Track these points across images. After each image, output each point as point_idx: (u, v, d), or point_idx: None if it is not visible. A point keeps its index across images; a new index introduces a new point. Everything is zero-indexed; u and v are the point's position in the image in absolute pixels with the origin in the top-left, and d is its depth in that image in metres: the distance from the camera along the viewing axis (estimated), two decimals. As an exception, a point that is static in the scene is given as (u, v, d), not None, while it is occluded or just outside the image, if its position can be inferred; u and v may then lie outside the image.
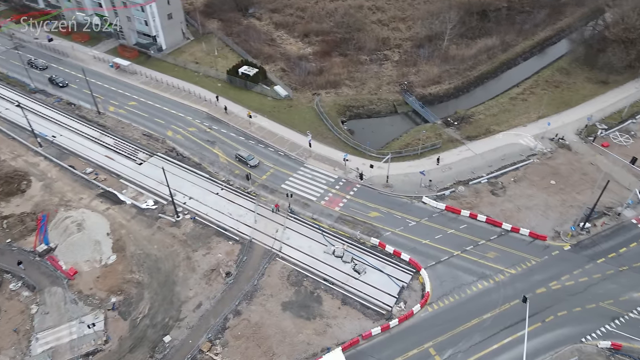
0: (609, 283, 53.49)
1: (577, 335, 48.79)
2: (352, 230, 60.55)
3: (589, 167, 68.55)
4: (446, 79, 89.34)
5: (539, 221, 60.72)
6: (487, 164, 69.62)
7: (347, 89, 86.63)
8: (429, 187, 65.92)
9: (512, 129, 76.05)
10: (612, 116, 77.84)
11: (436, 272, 55.05)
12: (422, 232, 59.96)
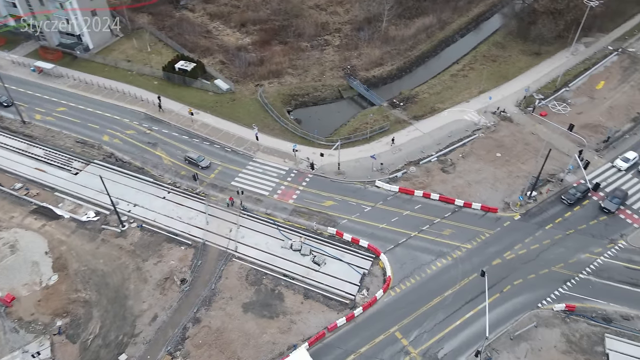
0: (558, 247, 55.51)
1: (533, 301, 50.33)
2: (308, 221, 59.36)
3: (530, 137, 70.72)
4: (388, 60, 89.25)
5: (489, 194, 62.02)
6: (435, 142, 70.26)
7: (290, 78, 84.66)
8: (381, 171, 65.70)
9: (456, 106, 77.13)
10: (547, 86, 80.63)
11: (395, 256, 55.01)
12: (378, 216, 59.68)
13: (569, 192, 60.59)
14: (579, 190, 60.30)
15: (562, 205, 60.45)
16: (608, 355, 45.42)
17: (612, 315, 48.94)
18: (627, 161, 64.61)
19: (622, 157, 65.45)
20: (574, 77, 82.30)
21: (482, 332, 45.09)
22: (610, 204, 58.79)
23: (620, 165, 64.67)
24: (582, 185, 61.26)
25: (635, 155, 65.05)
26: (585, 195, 60.60)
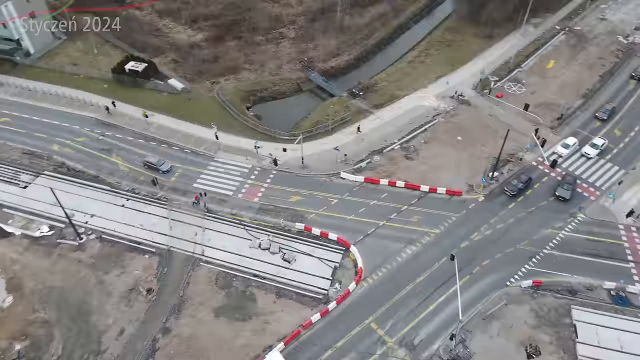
0: (522, 225, 56.76)
1: (502, 280, 51.28)
2: (275, 219, 58.26)
3: (488, 119, 71.96)
4: (345, 50, 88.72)
5: (452, 178, 62.67)
6: (397, 130, 70.37)
7: (247, 73, 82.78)
8: (345, 162, 65.23)
9: (415, 92, 77.51)
10: (501, 68, 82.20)
11: (365, 246, 54.78)
12: (345, 208, 59.26)
13: (512, 183, 60.32)
14: (520, 181, 60.04)
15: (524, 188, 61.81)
16: (575, 326, 46.80)
17: (577, 287, 50.50)
18: (567, 147, 65.46)
19: (562, 144, 66.03)
20: (525, 57, 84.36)
21: (455, 315, 45.54)
22: (564, 191, 59.19)
23: (561, 152, 65.17)
24: (523, 176, 61.03)
25: (575, 141, 66.02)
26: (527, 185, 60.42)
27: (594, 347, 45.23)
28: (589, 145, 65.92)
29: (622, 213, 57.44)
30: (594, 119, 71.52)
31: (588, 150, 65.40)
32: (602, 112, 71.75)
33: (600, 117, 71.20)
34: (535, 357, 44.95)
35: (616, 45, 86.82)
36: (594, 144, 65.79)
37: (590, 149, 65.39)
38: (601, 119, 71.06)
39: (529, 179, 60.63)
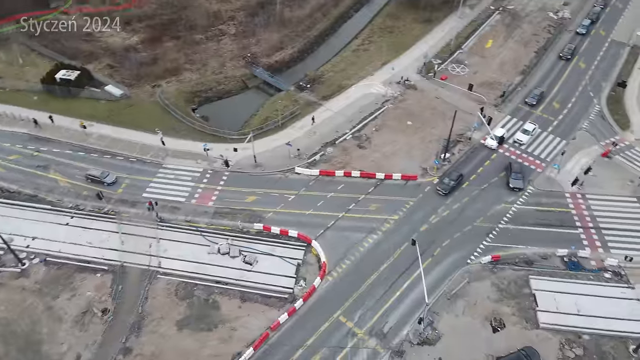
0: (476, 203, 58.04)
1: (463, 258, 52.23)
2: (232, 221, 56.57)
3: (435, 102, 73.03)
4: (288, 43, 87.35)
5: (406, 163, 63.15)
6: (348, 120, 70.07)
7: (189, 74, 79.76)
8: (299, 157, 64.27)
9: (362, 81, 77.48)
10: (443, 50, 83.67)
11: (327, 240, 54.21)
12: (303, 203, 58.39)
13: (443, 182, 58.87)
14: (452, 179, 58.72)
15: (475, 162, 63.21)
16: (535, 295, 48.38)
17: (532, 257, 52.24)
18: (527, 133, 65.78)
19: (522, 130, 66.50)
20: (465, 39, 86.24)
21: (421, 298, 45.84)
22: (517, 182, 58.79)
23: (520, 139, 65.36)
24: (454, 173, 60.00)
25: (534, 127, 66.64)
26: (459, 181, 59.19)
27: (554, 313, 46.95)
28: (520, 131, 66.18)
29: (567, 182, 59.91)
30: (523, 104, 71.82)
31: (520, 137, 65.39)
32: (530, 97, 71.77)
33: (529, 102, 71.18)
34: (500, 330, 46.09)
35: (547, 21, 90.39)
36: (525, 129, 65.95)
37: (522, 135, 65.53)
38: (530, 104, 71.01)
39: (459, 175, 59.56)
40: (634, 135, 66.43)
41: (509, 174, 60.07)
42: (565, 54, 78.87)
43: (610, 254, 52.03)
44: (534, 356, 43.01)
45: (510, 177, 59.42)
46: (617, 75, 76.84)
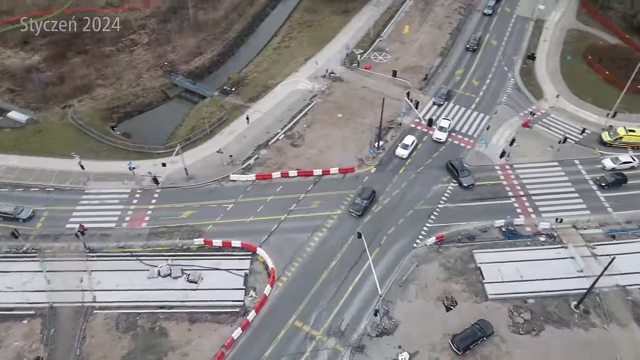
0: (415, 187, 58.85)
1: (409, 244, 52.71)
2: (170, 240, 53.43)
3: (363, 91, 73.32)
4: (206, 47, 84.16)
5: (342, 156, 62.80)
6: (278, 120, 68.60)
7: (103, 90, 74.47)
8: (232, 163, 61.99)
9: (287, 78, 76.21)
10: (364, 40, 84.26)
11: (272, 245, 52.65)
12: (243, 211, 56.34)
13: (355, 202, 55.01)
14: (364, 198, 55.07)
15: (408, 149, 64.11)
16: (480, 268, 49.80)
17: (473, 232, 53.76)
18: (406, 147, 62.21)
19: (401, 145, 62.43)
20: (383, 27, 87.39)
21: (374, 290, 45.65)
22: (468, 179, 57.72)
23: (439, 136, 63.80)
24: (366, 191, 56.09)
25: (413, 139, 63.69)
26: (371, 199, 55.69)
27: (499, 283, 48.56)
28: (437, 130, 64.44)
29: (495, 155, 62.33)
30: (432, 104, 70.70)
31: (438, 135, 63.92)
32: (438, 97, 70.51)
33: (437, 102, 70.08)
34: (453, 307, 46.97)
35: (457, 3, 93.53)
36: (442, 127, 64.59)
37: (440, 133, 64.10)
38: (438, 104, 70.14)
39: (372, 192, 56.04)
40: (548, 103, 70.42)
41: (456, 174, 58.45)
42: (472, 45, 79.88)
43: (542, 218, 54.72)
44: (487, 328, 44.18)
45: (460, 177, 58.00)
46: (526, 49, 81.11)
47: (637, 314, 45.81)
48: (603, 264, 45.64)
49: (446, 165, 60.25)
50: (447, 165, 60.14)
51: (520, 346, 44.13)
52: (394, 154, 62.34)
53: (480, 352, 43.77)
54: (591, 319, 45.82)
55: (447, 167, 60.10)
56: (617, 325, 45.24)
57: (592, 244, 51.75)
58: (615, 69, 73.10)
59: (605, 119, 66.11)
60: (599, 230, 53.37)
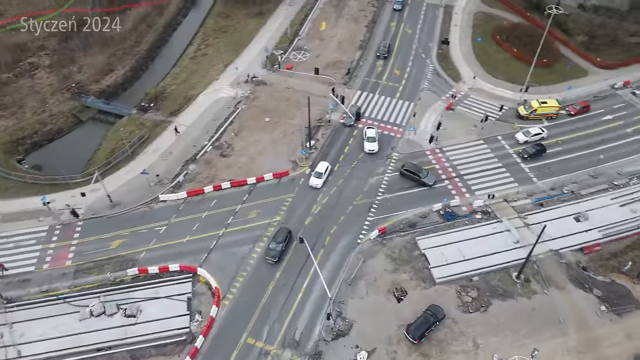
0: (352, 181, 58.49)
1: (353, 240, 52.17)
2: (100, 275, 49.28)
3: (287, 92, 72.04)
4: (117, 64, 79.10)
5: (275, 160, 61.18)
6: (204, 131, 65.71)
7: (3, 121, 67.54)
8: (160, 183, 58.44)
9: (209, 87, 73.34)
10: (282, 40, 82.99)
11: (213, 263, 50.10)
12: (177, 232, 53.18)
13: (270, 247, 49.51)
14: (279, 242, 49.64)
15: (339, 144, 63.61)
16: (425, 254, 50.26)
17: (414, 219, 54.25)
18: (319, 176, 57.51)
19: (315, 174, 57.61)
20: (300, 25, 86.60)
21: (324, 293, 44.57)
22: (429, 178, 57.16)
23: (371, 148, 60.82)
24: (280, 233, 50.90)
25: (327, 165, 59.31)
26: (287, 240, 50.47)
27: (444, 266, 49.27)
28: (367, 142, 61.50)
29: (424, 140, 63.47)
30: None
31: (370, 147, 60.83)
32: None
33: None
34: (404, 298, 46.99)
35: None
36: (370, 137, 61.94)
37: (370, 144, 60.98)
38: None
39: (287, 234, 50.89)
40: (467, 85, 72.93)
41: (417, 177, 57.05)
42: (382, 53, 77.79)
43: (476, 197, 56.34)
44: (438, 313, 44.57)
45: (422, 178, 56.79)
46: (439, 35, 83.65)
47: (571, 275, 48.25)
48: (536, 233, 47.59)
49: (401, 173, 58.19)
50: (402, 172, 58.05)
51: (471, 324, 44.96)
52: (308, 185, 57.36)
53: (435, 337, 44.06)
54: (532, 286, 47.64)
55: (403, 174, 58.07)
56: (556, 289, 47.36)
57: (523, 215, 53.93)
58: (521, 46, 77.22)
59: (519, 94, 69.49)
60: (528, 201, 55.79)
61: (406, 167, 58.38)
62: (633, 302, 45.94)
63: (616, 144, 62.68)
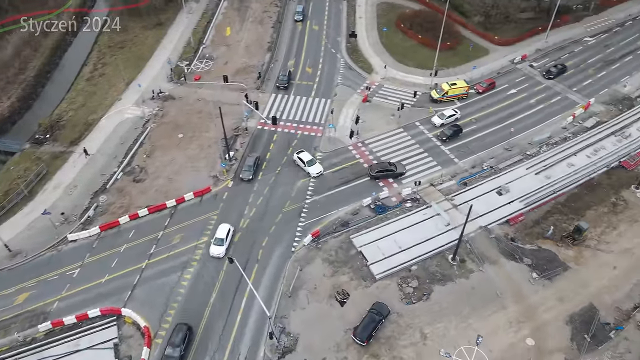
0: (278, 188, 56.28)
1: (287, 249, 50.01)
2: (6, 337, 43.25)
3: (199, 105, 68.26)
4: (0, 95, 70.78)
5: (194, 178, 57.46)
6: (111, 157, 60.58)
7: None
8: (67, 221, 52.68)
9: (111, 109, 67.76)
10: (186, 50, 78.80)
11: (139, 300, 45.74)
12: (94, 272, 48.07)
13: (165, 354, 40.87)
14: (176, 346, 40.73)
15: (260, 151, 60.99)
16: (361, 252, 49.25)
17: (345, 217, 53.10)
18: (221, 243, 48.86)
19: (215, 241, 48.93)
20: (203, 33, 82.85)
21: (263, 312, 42.00)
22: (401, 166, 56.66)
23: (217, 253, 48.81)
24: (177, 331, 42.00)
25: None
26: (186, 341, 41.48)
27: (382, 260, 48.53)
28: (299, 157, 57.88)
29: (345, 136, 62.67)
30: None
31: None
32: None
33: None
34: (347, 300, 45.62)
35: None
36: (300, 158, 57.83)
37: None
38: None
39: (186, 331, 41.99)
40: (379, 75, 73.28)
41: (392, 172, 56.48)
42: (282, 83, 69.70)
43: (404, 185, 56.35)
44: (383, 309, 43.69)
45: (397, 170, 56.61)
46: (346, 28, 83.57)
47: (502, 248, 49.48)
48: (464, 212, 48.19)
49: (373, 177, 56.50)
50: (373, 176, 56.37)
51: (416, 315, 44.55)
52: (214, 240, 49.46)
53: (383, 335, 43.11)
54: (468, 266, 48.25)
55: (376, 177, 56.50)
56: (490, 264, 48.30)
57: (450, 196, 54.70)
58: (424, 32, 79.04)
59: (429, 78, 70.91)
60: (452, 182, 56.73)
61: (375, 170, 56.52)
62: (560, 265, 47.95)
63: (523, 116, 65.73)
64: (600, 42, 79.56)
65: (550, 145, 61.13)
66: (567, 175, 56.96)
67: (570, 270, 47.68)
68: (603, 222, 52.27)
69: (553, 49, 78.28)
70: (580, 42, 79.78)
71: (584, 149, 60.22)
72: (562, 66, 72.30)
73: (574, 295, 45.65)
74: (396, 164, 57.66)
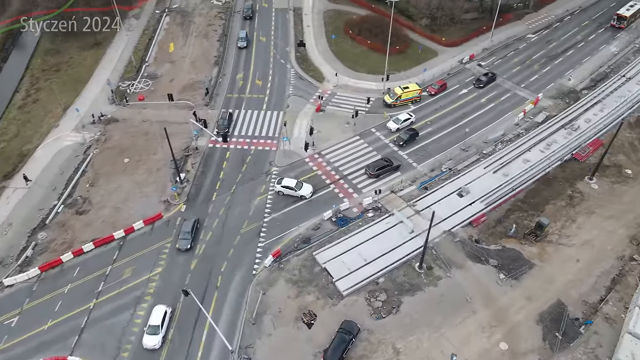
0: (234, 208, 53.56)
1: (248, 273, 47.31)
2: None
3: (144, 126, 64.58)
4: None
5: (144, 205, 53.87)
6: (50, 189, 56.08)
7: None
8: (3, 265, 48.05)
9: (48, 137, 63.07)
10: (128, 70, 74.88)
11: (88, 344, 41.85)
12: (34, 318, 43.70)
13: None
14: None
15: (213, 170, 58.20)
16: (326, 268, 47.16)
17: (307, 233, 50.93)
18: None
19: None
20: (145, 51, 79.08)
21: (225, 347, 39.05)
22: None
23: None
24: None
25: None
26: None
27: (348, 275, 46.57)
28: (284, 186, 54.08)
29: (301, 149, 60.66)
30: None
31: (307, 190, 53.87)
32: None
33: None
34: (314, 321, 43.33)
35: (216, 9, 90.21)
36: (286, 186, 54.08)
37: (302, 191, 53.52)
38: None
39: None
40: (331, 83, 71.94)
41: (390, 165, 56.45)
42: (222, 128, 61.87)
43: (364, 195, 54.85)
44: (352, 328, 41.69)
45: (395, 165, 56.66)
46: (294, 38, 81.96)
47: (467, 251, 48.66)
48: (427, 218, 47.11)
49: (373, 177, 56.00)
50: (373, 175, 55.89)
51: (387, 330, 42.80)
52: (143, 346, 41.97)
53: (355, 354, 41.10)
54: (435, 272, 47.07)
55: (378, 175, 56.02)
56: (457, 269, 47.30)
57: (412, 202, 53.60)
58: (373, 37, 78.53)
59: (382, 83, 70.15)
60: (413, 187, 55.72)
61: (375, 169, 56.14)
62: (525, 263, 47.56)
63: (476, 115, 65.96)
64: (542, 38, 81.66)
65: (504, 143, 61.42)
66: (524, 171, 57.19)
67: (535, 267, 47.37)
68: (562, 216, 52.55)
69: (499, 47, 79.63)
70: (523, 39, 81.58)
71: (537, 144, 60.81)
72: (492, 74, 72.22)
73: (542, 293, 45.27)
74: (389, 158, 57.75)
